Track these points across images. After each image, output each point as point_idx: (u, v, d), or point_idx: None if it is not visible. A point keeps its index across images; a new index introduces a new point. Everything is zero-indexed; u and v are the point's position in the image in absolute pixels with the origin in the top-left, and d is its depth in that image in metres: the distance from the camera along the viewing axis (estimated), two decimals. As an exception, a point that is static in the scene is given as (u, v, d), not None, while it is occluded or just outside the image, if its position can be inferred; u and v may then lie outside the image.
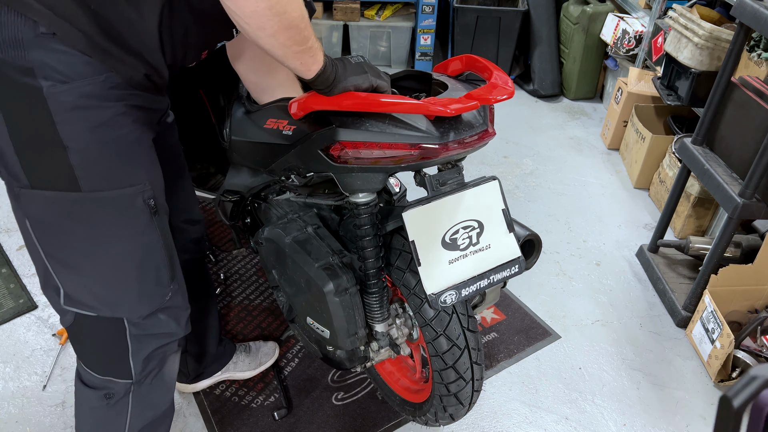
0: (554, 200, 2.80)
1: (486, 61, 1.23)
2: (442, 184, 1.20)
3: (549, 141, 3.31)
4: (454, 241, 1.19)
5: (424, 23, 3.82)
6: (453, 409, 1.43)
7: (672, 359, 2.00)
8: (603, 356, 2.00)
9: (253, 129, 1.43)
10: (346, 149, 1.12)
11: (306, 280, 1.37)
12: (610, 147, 3.24)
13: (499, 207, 1.24)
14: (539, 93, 3.74)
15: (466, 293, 1.20)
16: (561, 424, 1.76)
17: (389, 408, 1.77)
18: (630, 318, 2.16)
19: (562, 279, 2.32)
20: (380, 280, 1.33)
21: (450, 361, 1.33)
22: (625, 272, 2.38)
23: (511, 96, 1.10)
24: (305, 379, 1.86)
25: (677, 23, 2.38)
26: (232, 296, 2.16)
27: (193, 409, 1.76)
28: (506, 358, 1.96)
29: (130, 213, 1.05)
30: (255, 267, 2.30)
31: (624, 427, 1.77)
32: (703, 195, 2.40)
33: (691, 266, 2.32)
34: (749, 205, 1.80)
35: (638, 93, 2.99)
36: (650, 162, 2.80)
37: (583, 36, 3.49)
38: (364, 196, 1.25)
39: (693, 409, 1.83)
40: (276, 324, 2.05)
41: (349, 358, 1.55)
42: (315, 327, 1.45)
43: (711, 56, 2.28)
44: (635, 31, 3.13)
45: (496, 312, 2.14)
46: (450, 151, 1.12)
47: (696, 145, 2.10)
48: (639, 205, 2.80)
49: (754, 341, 1.91)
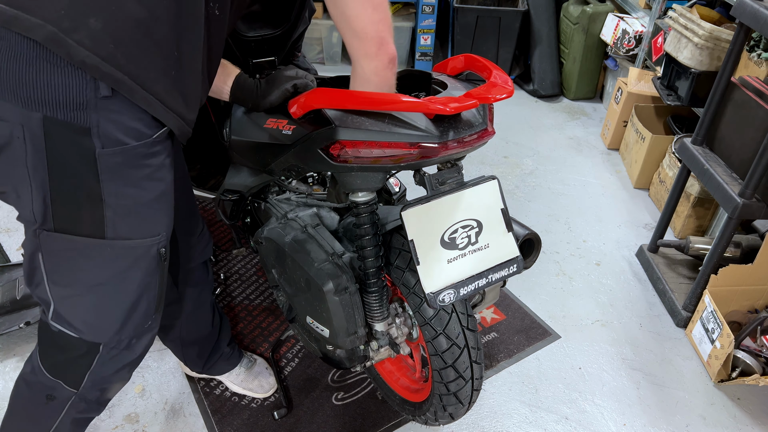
0: (554, 200, 2.80)
1: (485, 61, 1.23)
2: (441, 183, 1.20)
3: (549, 141, 3.31)
4: (453, 241, 1.19)
5: (424, 23, 3.82)
6: (453, 408, 1.43)
7: (672, 359, 2.00)
8: (603, 356, 2.00)
9: (253, 128, 1.43)
10: (346, 148, 1.12)
11: (306, 280, 1.37)
12: (610, 147, 3.24)
13: (498, 206, 1.24)
14: (539, 93, 3.74)
15: (464, 292, 1.20)
16: (561, 424, 1.76)
17: (389, 408, 1.77)
18: (630, 318, 2.16)
19: (562, 279, 2.32)
20: (380, 279, 1.33)
21: (449, 360, 1.33)
22: (625, 272, 2.38)
23: (511, 95, 1.10)
24: (305, 379, 1.86)
25: (677, 23, 2.38)
26: (232, 296, 2.16)
27: (193, 408, 1.76)
28: (506, 358, 1.96)
29: (144, 260, 1.07)
30: (255, 267, 2.30)
31: (624, 427, 1.77)
32: (703, 195, 2.40)
33: (691, 266, 2.32)
34: (749, 205, 1.80)
35: (638, 93, 3.00)
36: (650, 162, 2.80)
37: (583, 36, 3.49)
38: (363, 195, 1.25)
39: (693, 409, 1.83)
40: (276, 324, 2.05)
41: (349, 357, 1.55)
42: (315, 326, 1.45)
43: (711, 56, 2.28)
44: (635, 31, 3.13)
45: (496, 312, 2.14)
46: (449, 150, 1.12)
47: (696, 145, 2.10)
48: (639, 205, 2.80)
49: (754, 341, 1.91)
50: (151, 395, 1.79)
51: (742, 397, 1.87)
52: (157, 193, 1.02)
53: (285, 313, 1.71)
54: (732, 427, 1.78)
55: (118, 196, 0.97)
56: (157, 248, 1.07)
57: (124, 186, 0.97)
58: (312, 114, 1.18)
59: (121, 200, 0.98)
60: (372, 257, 1.30)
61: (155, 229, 1.06)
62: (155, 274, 1.11)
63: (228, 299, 2.15)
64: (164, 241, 1.09)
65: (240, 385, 1.77)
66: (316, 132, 1.16)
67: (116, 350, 1.17)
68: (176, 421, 1.72)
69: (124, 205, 0.98)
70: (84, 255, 1.02)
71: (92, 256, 1.02)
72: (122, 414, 1.74)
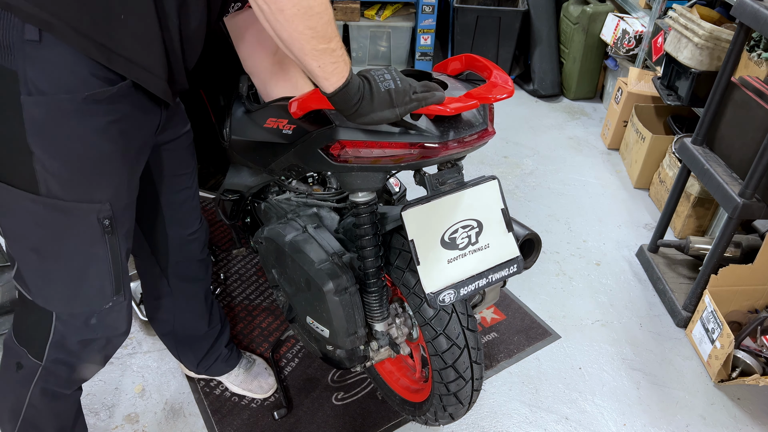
0: (554, 200, 2.80)
1: (486, 60, 1.23)
2: (441, 183, 1.20)
3: (549, 141, 3.31)
4: (453, 241, 1.19)
5: (424, 23, 3.82)
6: (453, 408, 1.43)
7: (672, 359, 2.00)
8: (603, 356, 2.00)
9: (253, 128, 1.43)
10: (346, 148, 1.12)
11: (306, 280, 1.37)
12: (610, 147, 3.24)
13: (498, 206, 1.24)
14: (539, 93, 3.74)
15: (464, 292, 1.20)
16: (561, 424, 1.76)
17: (389, 408, 1.77)
18: (630, 318, 2.16)
19: (562, 279, 2.32)
20: (380, 279, 1.33)
21: (449, 360, 1.32)
22: (625, 272, 2.38)
23: (511, 95, 1.10)
24: (305, 379, 1.86)
25: (677, 23, 2.38)
26: (232, 296, 2.16)
27: (193, 408, 1.76)
28: (506, 358, 1.95)
29: (82, 226, 1.05)
30: (255, 267, 2.30)
31: (624, 427, 1.77)
32: (703, 195, 2.40)
33: (691, 266, 2.32)
34: (749, 205, 1.80)
35: (638, 93, 2.99)
36: (650, 162, 2.80)
37: (583, 36, 3.49)
38: (363, 195, 1.25)
39: (693, 409, 1.83)
40: (276, 324, 2.05)
41: (349, 357, 1.55)
42: (315, 326, 1.45)
43: (711, 56, 2.28)
44: (635, 31, 3.13)
45: (496, 312, 2.13)
46: (449, 150, 1.12)
47: (696, 145, 2.09)
48: (639, 205, 2.80)
49: (754, 341, 1.91)
50: (151, 395, 1.79)
51: (742, 397, 1.87)
52: (93, 158, 0.99)
53: (285, 313, 1.71)
54: (732, 427, 1.78)
55: (46, 151, 0.94)
56: (96, 216, 1.04)
57: (53, 140, 0.94)
58: (312, 114, 1.18)
59: (49, 155, 0.95)
60: (372, 257, 1.30)
61: (93, 195, 1.03)
62: (99, 246, 1.08)
63: (228, 299, 2.15)
64: (107, 212, 1.05)
65: (239, 386, 1.77)
66: (317, 132, 1.16)
67: (73, 325, 1.16)
68: (176, 421, 1.72)
69: (52, 162, 0.95)
70: (23, 210, 1.01)
71: (30, 211, 1.01)
72: (122, 414, 1.74)
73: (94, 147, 0.99)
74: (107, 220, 1.06)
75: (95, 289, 1.13)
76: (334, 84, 0.94)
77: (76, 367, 1.25)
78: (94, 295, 1.13)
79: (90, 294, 1.13)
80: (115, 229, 1.09)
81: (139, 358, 1.91)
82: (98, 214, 1.05)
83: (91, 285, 1.12)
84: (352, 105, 0.97)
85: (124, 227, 1.13)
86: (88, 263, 1.09)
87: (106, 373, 1.85)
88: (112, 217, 1.07)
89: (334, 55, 0.91)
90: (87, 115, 0.95)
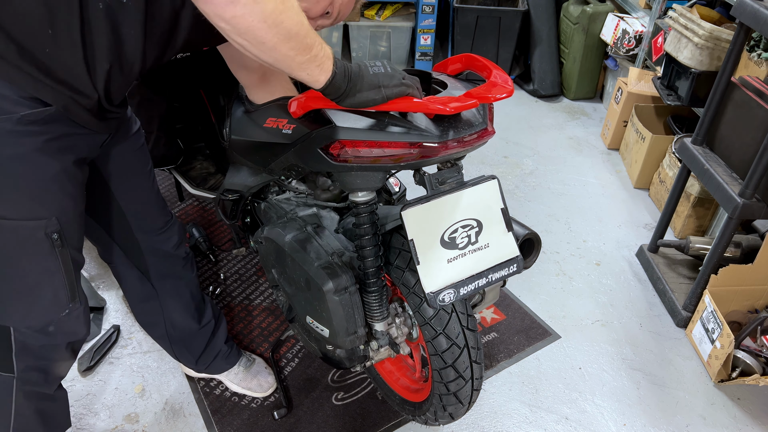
0: (554, 200, 2.80)
1: (485, 60, 1.23)
2: (441, 182, 1.20)
3: (549, 141, 3.31)
4: (453, 240, 1.19)
5: (424, 23, 3.82)
6: (452, 408, 1.43)
7: (672, 359, 2.00)
8: (603, 356, 2.00)
9: (252, 128, 1.43)
10: (346, 148, 1.12)
11: (306, 279, 1.37)
12: (610, 147, 3.24)
13: (498, 206, 1.24)
14: (539, 93, 3.74)
15: (464, 292, 1.20)
16: (561, 424, 1.76)
17: (389, 408, 1.77)
18: (630, 318, 2.16)
19: (562, 279, 2.32)
20: (379, 279, 1.33)
21: (449, 359, 1.32)
22: (625, 272, 2.38)
23: (511, 94, 1.10)
24: (305, 379, 1.86)
25: (677, 23, 2.38)
26: (231, 296, 2.16)
27: (193, 408, 1.76)
28: (506, 358, 1.95)
29: (30, 243, 1.05)
30: (255, 267, 2.30)
31: (624, 427, 1.77)
32: (703, 195, 2.40)
33: (691, 266, 2.32)
34: (749, 205, 1.80)
35: (638, 93, 3.00)
36: (650, 162, 2.80)
37: (583, 36, 3.49)
38: (363, 195, 1.25)
39: (693, 409, 1.83)
40: (276, 324, 2.05)
41: (349, 357, 1.55)
42: (315, 326, 1.45)
43: (711, 56, 2.28)
44: (635, 31, 3.13)
45: (496, 312, 2.13)
46: (449, 149, 1.12)
47: (696, 145, 2.09)
48: (639, 205, 2.80)
49: (754, 341, 1.91)
50: (151, 395, 1.79)
51: (742, 397, 1.87)
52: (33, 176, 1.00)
53: (285, 313, 1.71)
54: (732, 427, 1.78)
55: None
56: (44, 232, 1.05)
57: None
58: (312, 113, 1.18)
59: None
60: (372, 257, 1.30)
61: (38, 212, 1.04)
62: (51, 260, 1.09)
63: (228, 299, 2.15)
64: (54, 226, 1.06)
65: (239, 384, 1.77)
66: (316, 131, 1.16)
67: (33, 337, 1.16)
68: (176, 421, 1.72)
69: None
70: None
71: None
72: (122, 414, 1.73)
73: (34, 165, 0.99)
74: (56, 234, 1.07)
75: (50, 301, 1.13)
76: (323, 81, 0.99)
77: (48, 368, 1.25)
78: (50, 306, 1.14)
79: (45, 305, 1.13)
80: (65, 241, 1.09)
81: (139, 358, 1.91)
82: (45, 229, 1.05)
83: (45, 297, 1.12)
84: (340, 93, 1.02)
85: (74, 237, 1.13)
86: (41, 277, 1.10)
87: (106, 373, 1.85)
88: (60, 231, 1.08)
89: (318, 59, 0.96)
90: (23, 135, 0.96)
